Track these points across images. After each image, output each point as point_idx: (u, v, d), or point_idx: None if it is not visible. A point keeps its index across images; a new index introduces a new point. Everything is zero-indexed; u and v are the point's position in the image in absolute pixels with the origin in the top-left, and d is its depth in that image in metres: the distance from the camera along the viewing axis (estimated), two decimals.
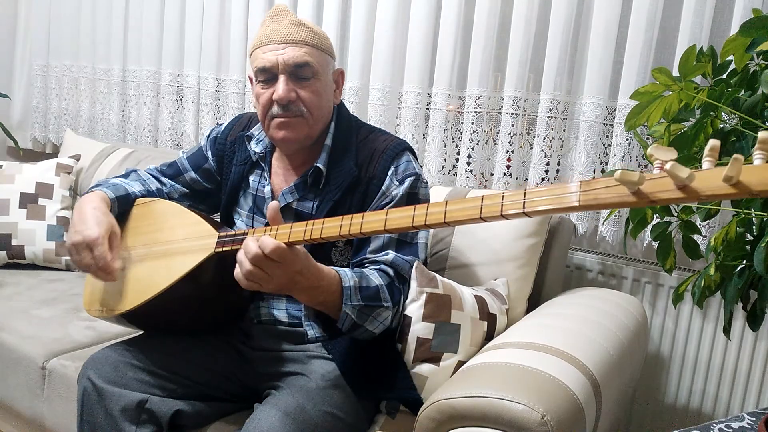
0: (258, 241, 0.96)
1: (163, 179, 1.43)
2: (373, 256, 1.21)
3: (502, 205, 0.74)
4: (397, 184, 1.23)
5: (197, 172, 1.42)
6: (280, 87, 1.20)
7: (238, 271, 0.99)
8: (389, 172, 1.24)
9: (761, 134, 0.54)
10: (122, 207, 1.30)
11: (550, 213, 0.71)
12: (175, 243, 1.18)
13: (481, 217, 0.76)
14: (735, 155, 0.53)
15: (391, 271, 1.19)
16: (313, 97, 1.23)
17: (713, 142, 0.57)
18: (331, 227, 0.93)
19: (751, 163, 0.55)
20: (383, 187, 1.23)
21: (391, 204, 1.22)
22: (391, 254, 1.20)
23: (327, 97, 1.27)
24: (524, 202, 0.72)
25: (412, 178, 1.24)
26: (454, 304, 1.26)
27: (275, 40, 1.21)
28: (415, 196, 1.25)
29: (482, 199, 0.76)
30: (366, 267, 1.20)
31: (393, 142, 1.28)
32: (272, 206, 0.99)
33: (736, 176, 0.54)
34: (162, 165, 1.46)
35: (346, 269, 1.14)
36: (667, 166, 0.57)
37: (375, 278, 1.15)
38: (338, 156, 1.27)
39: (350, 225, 0.90)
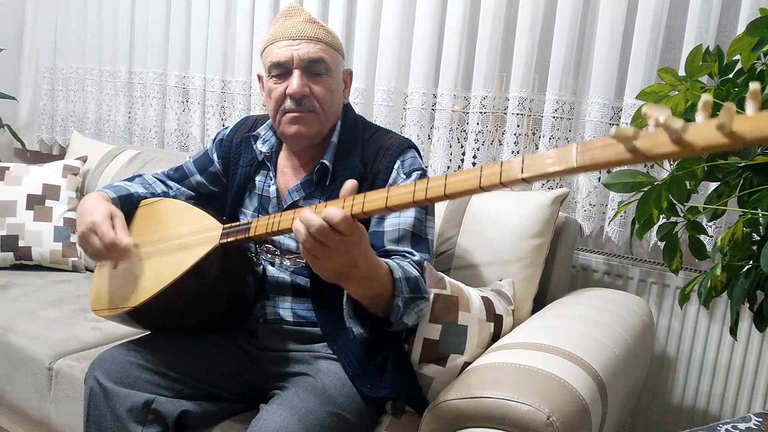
0: (321, 213, 0.88)
1: (170, 183, 1.44)
2: (395, 247, 1.19)
3: (500, 173, 0.73)
4: (405, 177, 1.24)
5: (203, 175, 1.43)
6: (295, 81, 1.21)
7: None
8: (395, 166, 1.25)
9: (752, 86, 0.54)
10: (125, 207, 1.30)
11: (548, 177, 0.69)
12: (180, 239, 1.18)
13: (481, 186, 0.75)
14: (726, 103, 0.53)
15: (418, 267, 1.18)
16: (325, 93, 1.24)
17: (705, 97, 0.57)
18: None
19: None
20: (390, 180, 1.24)
21: None
22: (417, 254, 1.19)
23: (338, 95, 1.29)
24: (522, 168, 0.71)
25: (418, 172, 1.25)
26: (461, 306, 1.25)
27: (290, 36, 1.22)
28: None
29: (481, 169, 0.76)
30: (394, 259, 1.17)
31: (398, 140, 1.29)
32: (350, 183, 0.92)
33: (729, 124, 0.54)
34: (170, 169, 1.47)
35: (387, 260, 1.10)
36: (661, 118, 0.58)
37: (411, 269, 1.13)
38: (344, 153, 1.28)
39: (352, 206, 0.89)
